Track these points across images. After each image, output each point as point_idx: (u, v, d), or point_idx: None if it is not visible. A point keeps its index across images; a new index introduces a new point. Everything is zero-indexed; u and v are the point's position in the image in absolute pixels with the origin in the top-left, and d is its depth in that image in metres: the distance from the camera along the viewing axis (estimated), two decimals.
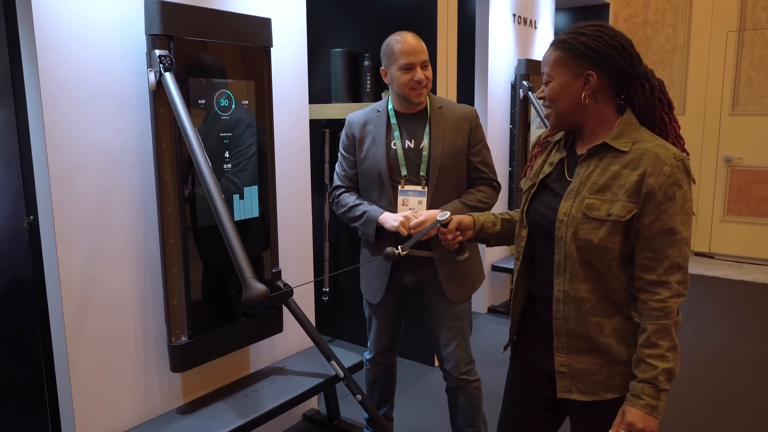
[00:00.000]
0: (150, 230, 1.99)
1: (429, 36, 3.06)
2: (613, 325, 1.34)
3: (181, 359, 2.02)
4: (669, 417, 2.82)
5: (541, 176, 1.45)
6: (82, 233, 1.82)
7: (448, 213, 1.61)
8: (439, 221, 1.60)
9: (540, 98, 1.40)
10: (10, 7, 1.82)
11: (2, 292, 2.31)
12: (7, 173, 2.28)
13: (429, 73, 2.05)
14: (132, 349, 1.99)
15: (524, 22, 4.44)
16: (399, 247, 1.71)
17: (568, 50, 1.31)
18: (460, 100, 3.45)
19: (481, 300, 4.27)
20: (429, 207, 2.06)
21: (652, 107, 1.33)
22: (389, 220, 2.01)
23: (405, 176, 2.08)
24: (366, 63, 3.28)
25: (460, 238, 1.62)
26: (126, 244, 1.94)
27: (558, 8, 5.34)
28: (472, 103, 4.08)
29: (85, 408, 1.88)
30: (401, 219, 1.95)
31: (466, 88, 4.03)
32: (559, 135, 1.48)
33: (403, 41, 2.02)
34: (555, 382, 1.43)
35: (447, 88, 3.26)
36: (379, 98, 3.24)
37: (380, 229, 2.05)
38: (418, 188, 2.08)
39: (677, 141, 1.33)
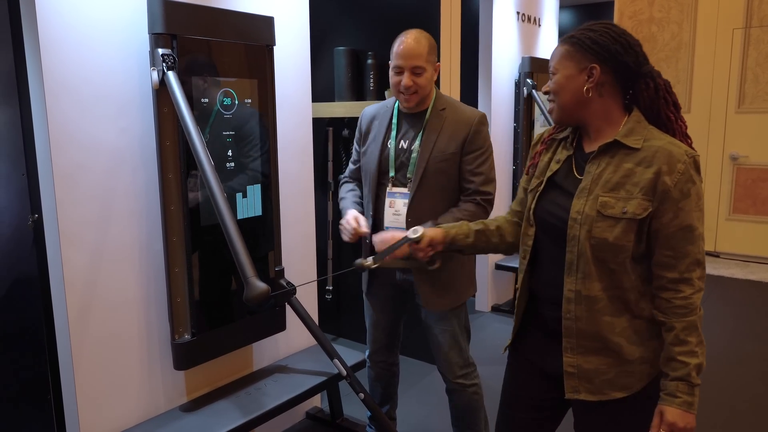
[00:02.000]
0: (153, 229, 1.99)
1: (432, 34, 3.05)
2: (623, 324, 1.34)
3: (184, 357, 2.03)
4: None
5: (548, 174, 1.45)
6: (86, 232, 1.83)
7: (421, 230, 1.61)
8: (410, 239, 1.61)
9: (545, 92, 1.42)
10: (14, 6, 1.83)
11: (8, 290, 2.32)
12: (12, 171, 2.29)
13: (421, 80, 1.95)
14: (135, 347, 2.00)
15: (528, 19, 4.42)
16: (370, 258, 1.68)
17: (576, 44, 1.33)
18: (463, 98, 3.44)
19: (485, 299, 4.27)
20: (409, 210, 2.01)
21: (657, 106, 1.34)
22: (344, 222, 2.02)
23: (392, 177, 2.06)
24: (369, 61, 3.28)
25: (431, 252, 1.63)
26: (130, 242, 1.94)
27: (562, 6, 5.33)
28: (475, 102, 4.07)
29: (88, 405, 1.89)
30: (348, 227, 1.97)
31: (470, 87, 4.02)
32: (565, 132, 1.47)
33: (402, 42, 1.96)
34: (555, 382, 1.43)
35: (450, 86, 3.25)
36: (383, 97, 3.24)
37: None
38: (404, 190, 2.04)
39: (684, 140, 1.34)
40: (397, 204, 2.05)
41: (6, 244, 2.31)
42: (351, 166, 2.27)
